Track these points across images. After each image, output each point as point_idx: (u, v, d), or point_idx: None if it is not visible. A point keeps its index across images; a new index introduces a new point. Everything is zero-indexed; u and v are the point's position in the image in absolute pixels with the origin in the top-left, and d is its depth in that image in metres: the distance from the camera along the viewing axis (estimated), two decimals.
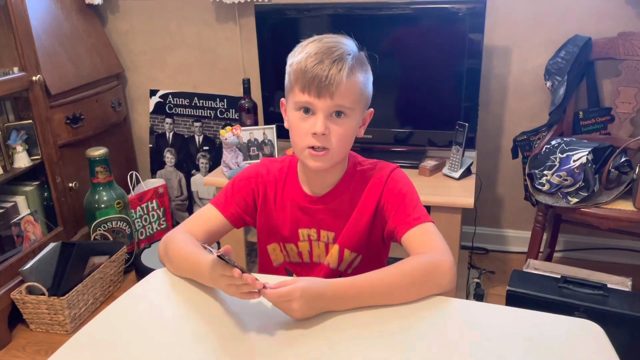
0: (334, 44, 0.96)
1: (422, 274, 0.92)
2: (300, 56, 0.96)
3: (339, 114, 0.97)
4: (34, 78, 2.02)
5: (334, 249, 1.10)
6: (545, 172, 1.80)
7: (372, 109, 1.06)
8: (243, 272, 0.84)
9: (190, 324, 0.90)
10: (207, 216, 1.10)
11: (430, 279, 0.92)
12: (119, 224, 2.29)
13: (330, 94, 0.94)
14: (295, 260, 1.15)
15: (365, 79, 0.99)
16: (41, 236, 2.13)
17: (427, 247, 0.97)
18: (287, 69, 0.99)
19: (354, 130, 1.01)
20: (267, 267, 1.16)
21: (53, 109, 2.14)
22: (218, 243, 2.14)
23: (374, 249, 1.11)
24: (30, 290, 1.95)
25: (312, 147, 0.98)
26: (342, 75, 0.93)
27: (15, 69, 2.00)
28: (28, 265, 1.92)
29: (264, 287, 0.85)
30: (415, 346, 0.83)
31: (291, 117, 1.00)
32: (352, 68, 0.95)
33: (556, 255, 2.30)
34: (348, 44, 0.99)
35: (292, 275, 1.14)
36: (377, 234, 1.09)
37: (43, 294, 1.92)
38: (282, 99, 1.05)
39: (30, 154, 2.10)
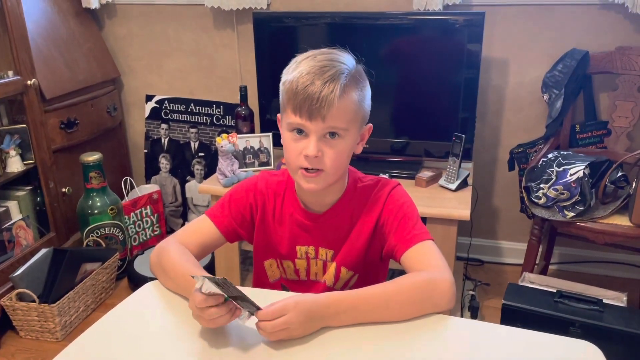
0: (327, 63, 0.93)
1: (420, 292, 0.91)
2: (292, 75, 0.93)
3: (332, 134, 0.94)
4: (28, 82, 2.01)
5: (331, 267, 1.08)
6: (541, 185, 1.80)
7: (370, 124, 1.03)
8: (242, 299, 0.83)
9: (183, 339, 0.89)
10: (201, 228, 1.08)
11: (429, 297, 0.91)
12: (112, 230, 2.27)
13: (322, 116, 0.91)
14: (292, 277, 1.13)
15: (361, 96, 0.96)
16: (33, 242, 2.10)
17: (427, 265, 0.95)
18: (281, 86, 0.97)
19: (349, 150, 0.98)
20: (263, 283, 1.15)
21: (47, 114, 2.13)
22: (213, 254, 2.12)
23: (371, 267, 1.09)
24: (21, 297, 1.92)
25: (305, 168, 0.96)
26: (334, 97, 0.90)
27: (10, 73, 1.98)
28: (19, 272, 1.90)
29: (258, 308, 0.84)
30: None
31: (285, 137, 0.98)
32: (346, 87, 0.92)
33: (551, 267, 2.29)
34: (343, 61, 0.95)
35: (288, 291, 1.13)
36: (374, 252, 1.07)
37: (33, 301, 1.90)
38: (279, 115, 1.02)
39: (23, 158, 2.08)
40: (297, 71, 0.93)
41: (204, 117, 2.54)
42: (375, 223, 1.05)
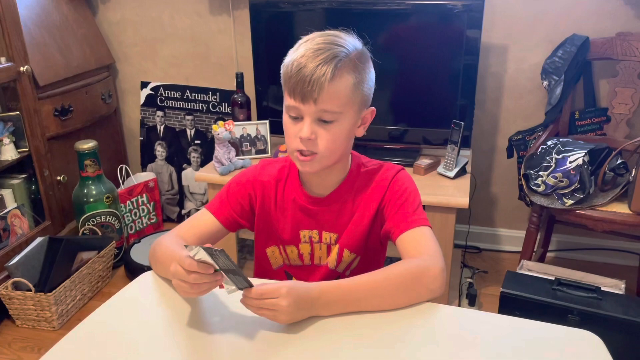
0: (323, 46, 0.92)
1: (411, 278, 0.91)
2: (289, 58, 0.95)
3: (327, 120, 0.94)
4: (21, 69, 1.98)
5: (335, 249, 1.08)
6: (540, 172, 1.79)
7: (373, 108, 1.03)
8: (233, 273, 0.81)
9: (181, 327, 0.88)
10: (200, 220, 1.08)
11: (420, 283, 0.90)
12: (108, 218, 2.26)
13: (313, 99, 0.91)
14: (296, 263, 1.13)
15: (359, 80, 0.95)
16: (28, 230, 2.09)
17: (420, 250, 0.96)
18: (281, 69, 0.97)
19: (345, 133, 0.98)
20: (265, 271, 1.14)
21: (41, 101, 2.10)
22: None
23: (373, 250, 1.10)
24: (17, 286, 1.91)
25: (300, 151, 0.96)
26: (324, 80, 0.90)
27: (3, 59, 1.95)
28: (14, 260, 1.89)
29: (250, 285, 0.83)
30: (406, 355, 0.81)
31: (284, 119, 0.99)
32: (339, 70, 0.91)
33: (549, 255, 2.29)
34: (342, 44, 0.94)
35: (291, 279, 1.13)
36: (375, 235, 1.08)
37: (29, 290, 1.89)
38: None
39: (17, 146, 2.05)
40: (294, 54, 0.94)
41: (200, 104, 2.51)
42: (378, 205, 1.05)
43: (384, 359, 0.80)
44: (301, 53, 0.92)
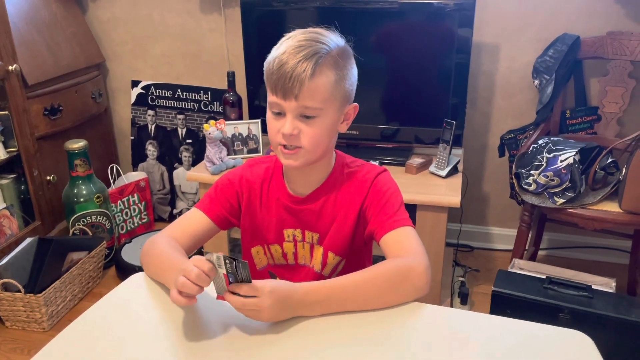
0: (305, 43, 0.93)
1: (396, 276, 0.91)
2: (271, 55, 0.95)
3: (308, 116, 0.95)
4: (10, 67, 1.96)
5: (319, 252, 1.09)
6: (532, 171, 1.79)
7: (356, 104, 1.03)
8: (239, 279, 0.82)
9: (172, 328, 0.87)
10: (191, 219, 1.08)
11: (405, 281, 0.90)
12: (98, 218, 2.24)
13: (294, 96, 0.92)
14: (280, 262, 1.13)
15: (340, 76, 0.95)
16: (18, 231, 2.07)
17: (404, 250, 0.96)
18: (264, 66, 0.98)
19: (329, 129, 0.98)
20: (251, 271, 1.14)
21: (30, 100, 2.08)
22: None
23: (358, 253, 1.10)
24: (6, 287, 1.89)
25: (284, 146, 0.97)
26: (305, 76, 0.90)
27: None
28: (4, 261, 1.87)
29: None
30: (397, 354, 0.80)
31: (267, 115, 1.00)
32: (320, 67, 0.92)
33: (540, 253, 2.30)
34: (323, 41, 0.95)
35: (275, 278, 1.12)
36: (360, 237, 1.08)
37: (19, 291, 1.87)
38: None
39: (6, 145, 2.04)
40: (276, 51, 0.95)
41: (191, 103, 2.50)
42: (360, 208, 1.05)
43: (373, 358, 0.79)
44: (282, 50, 0.93)
